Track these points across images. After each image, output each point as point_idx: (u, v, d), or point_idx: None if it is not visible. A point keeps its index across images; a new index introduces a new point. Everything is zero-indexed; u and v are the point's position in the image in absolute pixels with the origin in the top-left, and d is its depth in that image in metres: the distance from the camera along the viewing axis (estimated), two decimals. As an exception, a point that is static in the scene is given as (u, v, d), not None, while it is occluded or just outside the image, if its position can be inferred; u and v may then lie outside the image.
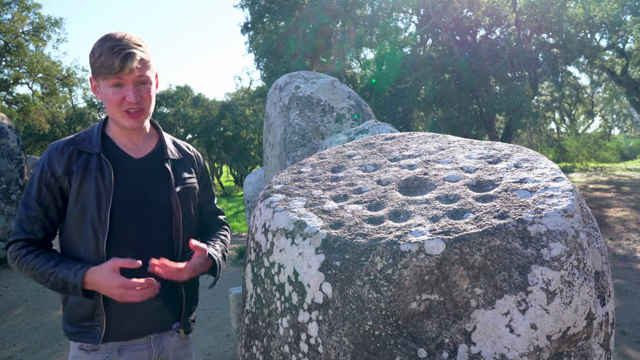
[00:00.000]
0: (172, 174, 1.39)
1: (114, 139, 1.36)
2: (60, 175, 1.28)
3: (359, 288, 0.97)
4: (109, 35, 1.25)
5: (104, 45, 1.22)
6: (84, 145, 1.31)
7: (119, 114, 1.27)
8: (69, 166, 1.28)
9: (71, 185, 1.28)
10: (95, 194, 1.27)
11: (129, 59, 1.21)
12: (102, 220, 1.27)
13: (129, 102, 1.25)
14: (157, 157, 1.39)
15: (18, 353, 3.44)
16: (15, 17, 14.44)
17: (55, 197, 1.29)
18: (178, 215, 1.37)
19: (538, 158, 1.25)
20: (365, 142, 1.56)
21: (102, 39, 1.24)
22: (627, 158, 20.90)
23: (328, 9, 10.99)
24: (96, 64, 1.22)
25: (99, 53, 1.21)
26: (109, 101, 1.26)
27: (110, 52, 1.20)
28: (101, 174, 1.29)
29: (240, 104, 22.98)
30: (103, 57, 1.20)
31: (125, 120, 1.28)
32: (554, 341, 0.94)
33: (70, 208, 1.29)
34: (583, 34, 11.78)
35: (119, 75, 1.22)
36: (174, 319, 1.42)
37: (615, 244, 6.36)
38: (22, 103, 16.20)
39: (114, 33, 1.25)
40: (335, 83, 4.48)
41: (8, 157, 6.22)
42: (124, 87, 1.24)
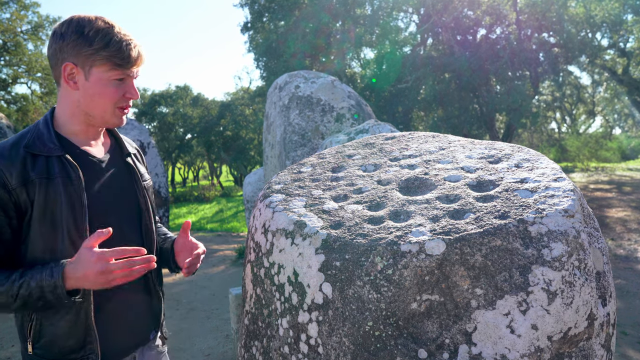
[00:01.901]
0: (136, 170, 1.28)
1: (70, 138, 1.15)
2: (14, 188, 1.03)
3: (359, 288, 0.96)
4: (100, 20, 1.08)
5: (109, 33, 1.07)
6: (37, 148, 1.07)
7: (112, 110, 1.13)
8: (24, 174, 1.04)
9: (31, 198, 1.04)
10: (67, 204, 1.07)
11: (140, 54, 1.11)
12: (80, 231, 1.08)
13: (128, 98, 1.14)
14: (117, 154, 1.26)
15: (17, 354, 3.44)
16: (14, 16, 14.45)
17: (8, 215, 1.03)
18: (147, 214, 1.27)
19: (539, 158, 1.24)
20: (365, 142, 1.56)
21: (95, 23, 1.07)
22: (628, 158, 20.91)
23: (328, 9, 10.99)
24: (101, 52, 1.06)
25: (105, 40, 1.06)
26: (104, 95, 1.10)
27: (122, 42, 1.07)
28: (68, 179, 1.08)
29: (240, 104, 22.99)
30: (114, 46, 1.06)
31: (116, 117, 1.15)
32: (554, 342, 0.93)
33: (35, 225, 1.05)
34: (584, 34, 11.77)
35: (129, 69, 1.10)
36: (153, 327, 1.32)
37: (616, 244, 6.35)
38: (21, 102, 16.21)
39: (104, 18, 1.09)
40: (335, 82, 4.47)
41: (8, 157, 6.22)
42: (125, 82, 1.13)
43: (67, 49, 1.07)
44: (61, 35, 1.07)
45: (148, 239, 1.26)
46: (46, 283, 0.99)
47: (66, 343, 1.09)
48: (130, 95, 1.14)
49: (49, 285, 0.99)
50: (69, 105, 1.13)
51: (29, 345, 1.09)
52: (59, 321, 1.08)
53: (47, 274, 1.00)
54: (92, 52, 1.06)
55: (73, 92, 1.11)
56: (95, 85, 1.10)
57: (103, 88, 1.10)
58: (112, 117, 1.15)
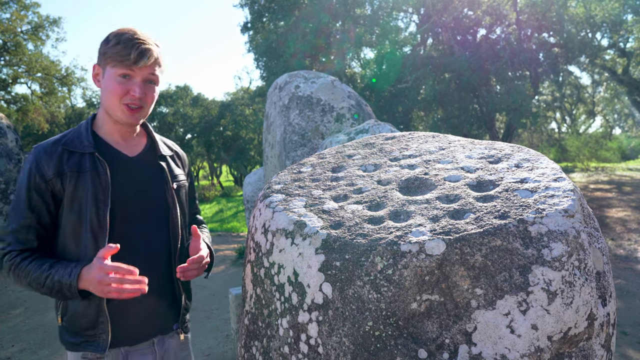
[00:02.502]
0: (167, 171, 1.37)
1: (104, 137, 1.30)
2: (51, 178, 1.19)
3: (359, 288, 0.96)
4: (128, 28, 1.23)
5: (123, 35, 1.20)
6: (74, 145, 1.23)
7: (118, 106, 1.22)
8: (60, 168, 1.20)
9: (64, 188, 1.20)
10: (92, 196, 1.20)
11: (145, 54, 1.19)
12: (101, 222, 1.21)
13: (132, 96, 1.21)
14: (150, 155, 1.36)
15: (17, 354, 3.44)
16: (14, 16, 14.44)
17: (47, 202, 1.20)
18: (175, 212, 1.35)
19: (539, 158, 1.24)
20: (365, 142, 1.56)
21: (121, 30, 1.22)
22: (628, 158, 20.91)
23: (328, 9, 10.99)
24: (110, 51, 1.19)
25: (116, 41, 1.19)
26: (111, 91, 1.21)
27: (129, 42, 1.18)
28: (97, 175, 1.22)
29: (240, 104, 22.98)
30: (120, 45, 1.18)
31: (122, 114, 1.24)
32: (554, 342, 0.93)
33: (65, 213, 1.21)
34: (584, 34, 11.77)
35: (132, 67, 1.19)
36: (174, 320, 1.40)
37: (616, 244, 6.35)
38: (21, 102, 16.19)
39: (133, 28, 1.23)
40: (335, 82, 4.47)
41: (7, 157, 6.22)
42: (131, 80, 1.21)
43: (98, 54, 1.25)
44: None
45: (174, 236, 1.35)
46: (65, 281, 1.14)
47: (82, 321, 1.24)
48: (134, 93, 1.21)
49: (66, 284, 1.15)
50: (101, 107, 1.29)
51: (58, 317, 1.28)
52: (78, 303, 1.24)
53: (66, 273, 1.15)
54: (104, 50, 1.21)
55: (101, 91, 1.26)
56: (106, 82, 1.22)
57: (110, 84, 1.21)
58: (120, 113, 1.24)
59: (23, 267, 1.17)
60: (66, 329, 1.27)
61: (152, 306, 1.30)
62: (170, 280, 1.35)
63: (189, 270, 1.27)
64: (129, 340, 1.29)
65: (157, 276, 1.30)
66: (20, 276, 1.18)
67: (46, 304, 4.57)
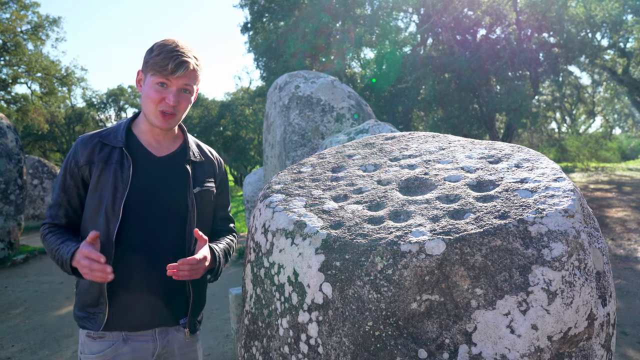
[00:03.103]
0: (191, 175, 1.44)
1: (138, 136, 1.42)
2: (82, 165, 1.35)
3: (359, 288, 0.96)
4: (172, 40, 1.33)
5: (166, 46, 1.30)
6: (108, 139, 1.38)
7: (154, 111, 1.34)
8: (91, 157, 1.35)
9: (91, 175, 1.34)
10: (112, 186, 1.33)
11: (182, 66, 1.29)
12: (115, 210, 1.32)
13: (167, 103, 1.32)
14: (179, 157, 1.45)
15: (17, 354, 3.44)
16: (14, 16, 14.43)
17: (77, 185, 1.37)
18: (193, 215, 1.41)
19: (539, 158, 1.24)
20: (365, 142, 1.56)
21: (165, 41, 1.33)
22: (628, 158, 20.91)
23: (328, 9, 10.99)
24: (151, 60, 1.30)
25: (158, 52, 1.30)
26: (149, 97, 1.32)
27: (169, 54, 1.28)
28: (120, 168, 1.35)
29: (240, 104, 22.99)
30: (161, 56, 1.28)
31: (157, 119, 1.35)
32: (554, 342, 0.93)
33: (88, 197, 1.36)
34: (584, 34, 11.77)
35: (169, 77, 1.30)
36: (180, 315, 1.43)
37: (616, 244, 6.35)
38: (21, 102, 16.19)
39: (177, 40, 1.34)
40: (335, 83, 4.47)
41: (7, 157, 6.21)
42: (167, 89, 1.32)
43: (143, 61, 1.37)
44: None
45: (189, 237, 1.42)
46: (64, 258, 1.28)
47: (86, 297, 1.37)
48: (168, 101, 1.32)
49: (63, 260, 1.28)
50: (142, 107, 1.40)
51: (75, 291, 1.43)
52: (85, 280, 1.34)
53: (66, 251, 1.28)
54: (147, 59, 1.33)
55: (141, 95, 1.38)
56: (146, 88, 1.34)
57: (149, 90, 1.33)
58: (155, 118, 1.35)
59: (47, 238, 1.36)
60: (76, 303, 1.41)
61: (155, 298, 1.37)
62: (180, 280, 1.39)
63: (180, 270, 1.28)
64: (127, 326, 1.37)
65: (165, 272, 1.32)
66: (45, 245, 1.36)
67: (46, 305, 4.57)
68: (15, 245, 6.36)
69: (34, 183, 9.08)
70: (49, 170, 9.32)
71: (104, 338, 1.36)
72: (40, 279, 5.47)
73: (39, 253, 6.67)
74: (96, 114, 25.18)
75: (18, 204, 6.30)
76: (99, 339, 1.36)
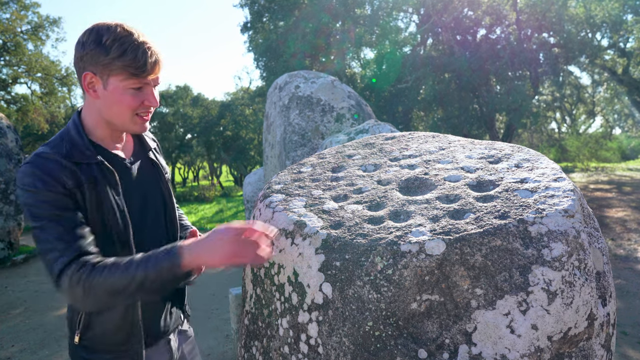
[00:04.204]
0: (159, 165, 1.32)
1: (100, 143, 1.19)
2: (71, 187, 1.07)
3: (359, 288, 0.96)
4: (121, 28, 1.07)
5: (126, 40, 1.05)
6: (77, 157, 1.11)
7: (130, 117, 1.13)
8: (77, 178, 1.08)
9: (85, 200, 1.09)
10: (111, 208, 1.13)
11: (158, 61, 1.09)
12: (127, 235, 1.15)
13: (148, 105, 1.12)
14: (141, 152, 1.29)
15: (17, 354, 3.44)
16: (14, 16, 14.43)
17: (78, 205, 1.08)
18: (171, 206, 1.33)
19: (539, 158, 1.24)
20: (365, 142, 1.56)
21: (113, 31, 1.05)
22: (628, 158, 20.91)
23: (328, 9, 10.99)
24: (116, 62, 1.04)
25: (122, 49, 1.04)
26: (121, 103, 1.10)
27: (138, 50, 1.05)
28: (109, 185, 1.14)
29: (240, 104, 22.98)
30: (128, 56, 1.04)
31: (134, 124, 1.15)
32: (554, 342, 0.93)
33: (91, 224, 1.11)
34: (584, 34, 11.77)
35: (146, 78, 1.09)
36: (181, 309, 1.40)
37: (616, 244, 6.35)
38: (21, 103, 16.19)
39: (124, 25, 1.07)
40: (335, 82, 4.48)
41: (7, 157, 6.21)
42: (143, 90, 1.11)
43: (86, 58, 1.07)
44: (82, 44, 1.07)
45: (172, 230, 1.31)
46: (168, 263, 1.01)
47: (115, 338, 1.16)
48: (149, 103, 1.12)
49: (170, 264, 1.01)
50: (92, 113, 1.15)
51: (76, 336, 1.17)
52: (108, 316, 1.16)
53: (163, 256, 1.02)
54: (108, 61, 1.05)
55: (95, 100, 1.12)
56: (113, 94, 1.09)
57: (121, 96, 1.09)
58: (132, 124, 1.15)
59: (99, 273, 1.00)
60: (86, 347, 1.17)
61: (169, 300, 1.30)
62: None
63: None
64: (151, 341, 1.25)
65: None
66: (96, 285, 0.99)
67: (46, 305, 4.57)
68: (15, 245, 6.36)
69: (34, 183, 9.08)
70: (49, 170, 9.32)
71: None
72: (40, 279, 5.47)
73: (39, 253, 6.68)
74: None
75: (18, 204, 6.30)
76: None
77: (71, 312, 1.20)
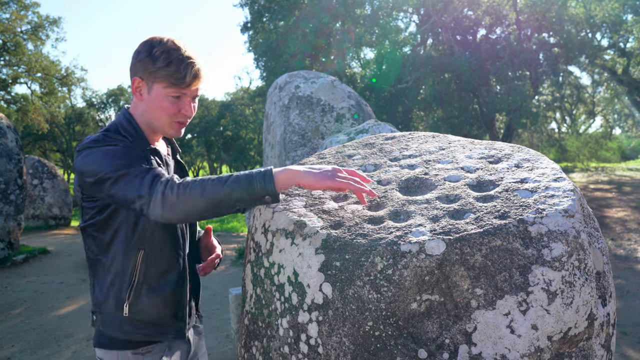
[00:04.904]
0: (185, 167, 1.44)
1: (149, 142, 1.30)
2: (146, 151, 1.23)
3: (359, 288, 0.96)
4: (171, 42, 1.21)
5: (173, 53, 1.19)
6: (136, 143, 1.23)
7: (168, 122, 1.25)
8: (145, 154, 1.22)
9: None
10: None
11: (198, 76, 1.22)
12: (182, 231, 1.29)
13: (184, 114, 1.25)
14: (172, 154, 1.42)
15: (16, 354, 3.44)
16: (14, 16, 14.44)
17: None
18: None
19: (539, 158, 1.24)
20: (365, 142, 1.56)
21: (164, 44, 1.20)
22: (628, 158, 20.92)
23: (328, 9, 10.99)
24: (162, 72, 1.18)
25: (167, 60, 1.18)
26: (161, 109, 1.23)
27: (182, 64, 1.18)
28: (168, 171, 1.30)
29: (240, 104, 22.99)
30: (172, 67, 1.18)
31: (172, 129, 1.27)
32: (554, 342, 0.93)
33: None
34: (584, 34, 11.78)
35: (185, 89, 1.21)
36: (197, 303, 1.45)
37: (616, 244, 6.35)
38: (21, 102, 16.20)
39: (176, 42, 1.22)
40: (335, 83, 4.48)
41: (7, 157, 6.21)
42: (182, 100, 1.24)
43: (138, 65, 1.22)
44: (137, 52, 1.23)
45: (192, 228, 1.41)
46: (260, 175, 1.07)
47: (164, 309, 1.25)
48: (185, 112, 1.25)
49: (262, 175, 1.08)
50: (137, 114, 1.29)
51: (125, 308, 1.22)
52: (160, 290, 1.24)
53: (255, 173, 1.08)
54: (154, 69, 1.20)
55: (140, 103, 1.27)
56: (155, 99, 1.23)
57: (161, 102, 1.23)
58: (169, 129, 1.27)
59: (192, 184, 1.08)
60: (133, 320, 1.23)
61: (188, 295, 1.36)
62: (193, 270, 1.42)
63: (208, 267, 1.36)
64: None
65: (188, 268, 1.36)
66: (190, 192, 1.06)
67: (46, 305, 4.57)
68: (15, 245, 6.36)
69: (34, 183, 9.08)
70: (49, 170, 9.32)
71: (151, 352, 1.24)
72: (40, 279, 5.47)
73: (39, 253, 6.67)
74: (96, 114, 25.18)
75: (18, 204, 6.30)
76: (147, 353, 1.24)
77: (117, 287, 1.23)
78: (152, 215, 1.08)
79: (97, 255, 1.23)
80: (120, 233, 1.20)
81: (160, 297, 1.24)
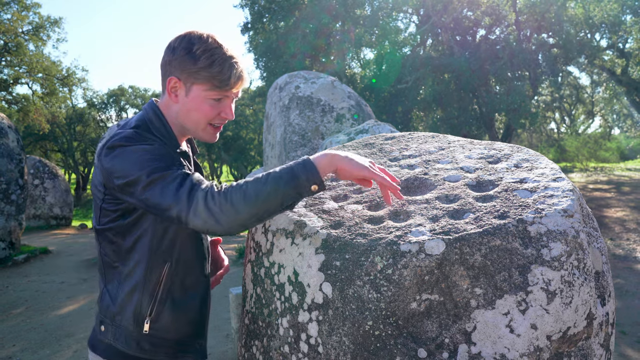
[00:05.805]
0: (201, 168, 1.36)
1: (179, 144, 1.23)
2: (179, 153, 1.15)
3: (359, 288, 0.96)
4: (212, 40, 1.11)
5: (216, 52, 1.09)
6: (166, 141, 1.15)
7: (203, 125, 1.15)
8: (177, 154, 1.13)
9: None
10: None
11: (242, 77, 1.13)
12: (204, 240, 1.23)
13: (224, 117, 1.15)
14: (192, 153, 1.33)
15: (18, 353, 3.44)
16: (15, 16, 14.43)
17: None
18: None
19: (538, 158, 1.25)
20: (365, 142, 1.56)
21: (205, 41, 1.10)
22: (627, 158, 20.92)
23: (328, 9, 11.00)
24: (203, 72, 1.08)
25: (210, 60, 1.08)
26: (200, 111, 1.13)
27: (225, 64, 1.09)
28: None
29: (240, 104, 22.98)
30: (215, 68, 1.08)
31: (206, 133, 1.17)
32: (554, 341, 0.94)
33: None
34: (583, 34, 11.79)
35: (228, 91, 1.12)
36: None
37: (615, 244, 6.36)
38: (22, 103, 16.19)
39: (217, 39, 1.12)
40: (335, 83, 4.48)
41: (8, 157, 6.21)
42: (222, 102, 1.14)
43: (175, 63, 1.11)
44: (173, 49, 1.12)
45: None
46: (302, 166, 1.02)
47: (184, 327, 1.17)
48: (225, 115, 1.15)
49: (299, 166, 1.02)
50: (169, 115, 1.18)
51: (146, 325, 1.12)
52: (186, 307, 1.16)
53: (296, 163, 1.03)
54: (195, 70, 1.09)
55: (173, 104, 1.15)
56: (194, 101, 1.12)
57: (200, 105, 1.12)
58: (204, 133, 1.17)
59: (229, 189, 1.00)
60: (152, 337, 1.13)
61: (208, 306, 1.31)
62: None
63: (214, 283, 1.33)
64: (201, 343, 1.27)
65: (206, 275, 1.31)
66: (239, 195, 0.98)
67: (47, 304, 4.57)
68: (17, 245, 6.37)
69: (35, 183, 9.08)
70: (50, 171, 9.33)
71: None
72: (42, 279, 5.48)
73: (40, 253, 6.67)
74: (97, 114, 25.16)
75: (19, 203, 6.30)
76: None
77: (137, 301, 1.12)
78: (193, 225, 0.99)
79: (114, 262, 1.13)
80: (144, 240, 1.10)
81: (184, 313, 1.15)
